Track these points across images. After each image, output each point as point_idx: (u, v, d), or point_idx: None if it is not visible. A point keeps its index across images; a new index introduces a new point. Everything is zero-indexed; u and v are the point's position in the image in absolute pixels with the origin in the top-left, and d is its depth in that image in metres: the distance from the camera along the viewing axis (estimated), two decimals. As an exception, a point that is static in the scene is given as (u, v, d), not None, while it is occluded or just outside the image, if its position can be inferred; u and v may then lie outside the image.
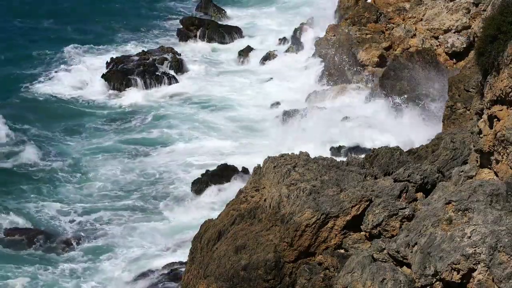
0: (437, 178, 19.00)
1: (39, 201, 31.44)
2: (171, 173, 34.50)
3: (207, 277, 19.66)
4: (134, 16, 63.60)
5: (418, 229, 14.85)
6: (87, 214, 30.55)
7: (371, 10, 47.84)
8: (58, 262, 27.13)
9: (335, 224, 18.18)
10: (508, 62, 14.91)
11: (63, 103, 44.03)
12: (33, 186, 32.78)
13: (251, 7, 67.47)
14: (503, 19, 15.36)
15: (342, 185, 19.34)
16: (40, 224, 29.73)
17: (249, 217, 20.49)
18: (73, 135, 39.33)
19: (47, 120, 41.07)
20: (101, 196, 32.12)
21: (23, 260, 27.16)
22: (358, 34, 45.84)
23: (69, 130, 39.95)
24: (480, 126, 16.29)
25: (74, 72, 48.77)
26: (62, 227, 29.46)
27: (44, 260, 27.27)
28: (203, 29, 56.50)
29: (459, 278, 13.52)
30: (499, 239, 13.24)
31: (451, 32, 39.68)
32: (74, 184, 33.20)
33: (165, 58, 48.83)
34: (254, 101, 43.94)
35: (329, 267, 17.95)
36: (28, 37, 56.04)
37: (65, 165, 35.02)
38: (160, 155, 36.42)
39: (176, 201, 31.85)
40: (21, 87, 46.10)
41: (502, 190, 14.22)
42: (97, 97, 44.99)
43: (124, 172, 34.58)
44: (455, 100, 34.21)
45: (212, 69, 50.37)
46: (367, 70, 41.95)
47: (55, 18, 61.67)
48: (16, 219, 29.77)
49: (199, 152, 36.62)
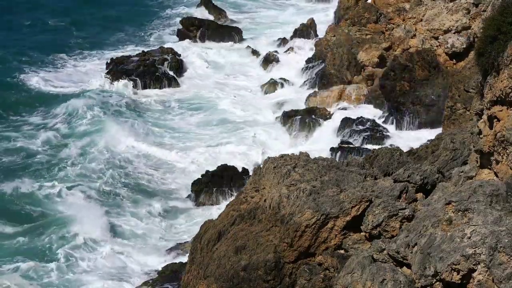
0: (437, 179, 18.99)
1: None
2: (171, 173, 34.50)
3: (207, 277, 19.66)
4: (134, 16, 63.70)
5: (418, 230, 14.84)
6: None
7: (371, 10, 47.89)
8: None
9: (335, 224, 18.18)
10: (508, 63, 14.91)
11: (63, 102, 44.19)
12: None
13: (251, 7, 67.50)
14: (503, 20, 15.36)
15: (342, 185, 19.33)
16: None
17: (249, 218, 20.49)
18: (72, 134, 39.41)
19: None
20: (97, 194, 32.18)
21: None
22: (358, 35, 45.87)
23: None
24: (480, 126, 16.28)
25: (74, 72, 48.80)
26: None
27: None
28: (203, 30, 56.51)
29: (459, 279, 13.51)
30: (499, 239, 13.24)
31: (451, 33, 39.68)
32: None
33: (165, 59, 48.82)
34: (254, 101, 43.94)
35: (329, 268, 17.95)
36: (28, 37, 56.07)
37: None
38: (160, 155, 36.40)
39: (176, 201, 31.86)
40: (22, 84, 46.36)
41: (502, 190, 14.22)
42: (96, 96, 44.99)
43: (124, 171, 34.59)
44: (455, 101, 34.24)
45: (212, 69, 50.39)
46: (367, 71, 41.97)
47: (55, 17, 61.73)
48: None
49: (199, 153, 36.60)
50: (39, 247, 27.78)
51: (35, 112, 42.21)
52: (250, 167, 32.65)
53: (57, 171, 34.17)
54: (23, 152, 36.28)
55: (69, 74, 48.92)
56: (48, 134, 38.36)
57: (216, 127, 40.57)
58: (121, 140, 37.92)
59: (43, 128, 39.58)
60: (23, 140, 37.67)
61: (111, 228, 29.31)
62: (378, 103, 39.54)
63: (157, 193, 32.59)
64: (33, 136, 38.23)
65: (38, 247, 27.78)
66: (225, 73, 49.84)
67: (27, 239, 28.27)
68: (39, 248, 27.70)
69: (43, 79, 47.42)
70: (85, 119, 40.50)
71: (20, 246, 27.86)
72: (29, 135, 38.42)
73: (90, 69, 49.89)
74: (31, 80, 47.06)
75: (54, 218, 29.92)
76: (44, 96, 44.84)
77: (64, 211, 30.30)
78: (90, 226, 28.91)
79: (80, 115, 40.93)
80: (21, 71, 48.55)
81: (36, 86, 46.38)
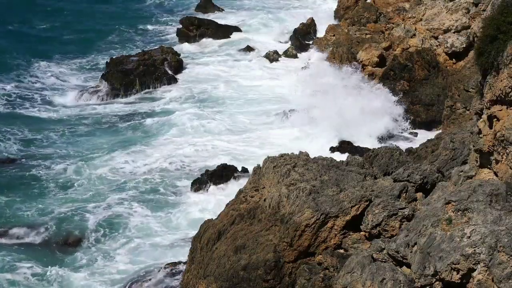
0: (436, 178, 19.01)
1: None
2: (171, 173, 34.48)
3: (206, 277, 19.67)
4: (134, 16, 63.62)
5: (417, 229, 14.85)
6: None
7: (371, 10, 47.95)
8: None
9: (334, 224, 18.20)
10: (508, 62, 14.92)
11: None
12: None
13: (252, 6, 67.51)
14: (503, 19, 15.38)
15: (342, 185, 19.35)
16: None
17: (248, 217, 20.51)
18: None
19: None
20: (99, 196, 32.17)
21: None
22: (357, 34, 45.90)
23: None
24: (480, 126, 16.29)
25: (73, 72, 48.77)
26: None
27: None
28: (202, 29, 56.48)
29: (459, 278, 13.52)
30: (498, 239, 13.25)
31: (450, 32, 39.70)
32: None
33: (165, 59, 48.77)
34: (254, 101, 43.92)
35: (328, 267, 17.96)
36: (28, 37, 56.09)
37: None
38: (159, 155, 36.37)
39: (176, 200, 31.85)
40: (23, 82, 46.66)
41: (501, 190, 14.23)
42: (97, 95, 45.02)
43: (123, 172, 34.59)
44: (454, 100, 34.28)
45: (212, 69, 50.33)
46: (367, 70, 41.99)
47: (54, 18, 61.72)
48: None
49: (198, 152, 36.59)
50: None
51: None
52: (250, 167, 32.64)
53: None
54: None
55: (69, 74, 48.91)
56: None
57: (216, 126, 40.50)
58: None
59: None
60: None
61: (111, 227, 29.35)
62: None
63: (156, 192, 32.58)
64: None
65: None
66: (225, 72, 49.78)
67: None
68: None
69: (40, 79, 47.50)
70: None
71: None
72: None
73: (90, 69, 49.85)
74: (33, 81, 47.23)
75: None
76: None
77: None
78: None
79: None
80: (18, 71, 48.73)
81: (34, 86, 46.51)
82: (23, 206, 30.77)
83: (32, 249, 27.89)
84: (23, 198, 31.50)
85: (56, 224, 29.33)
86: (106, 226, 29.37)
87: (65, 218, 29.78)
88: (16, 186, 32.64)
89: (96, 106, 43.97)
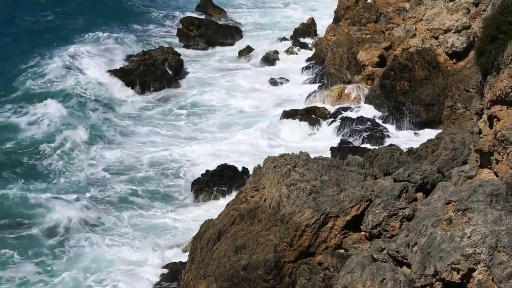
0: (437, 178, 19.01)
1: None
2: (171, 173, 34.48)
3: (207, 277, 19.67)
4: (134, 16, 63.56)
5: (418, 229, 14.85)
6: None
7: (371, 10, 47.93)
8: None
9: (335, 224, 18.20)
10: (508, 62, 14.92)
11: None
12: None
13: (251, 6, 67.49)
14: (503, 19, 15.38)
15: (342, 185, 19.35)
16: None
17: (249, 217, 20.51)
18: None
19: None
20: (98, 194, 32.18)
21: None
22: (358, 34, 45.89)
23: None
24: (480, 126, 16.29)
25: (73, 72, 48.76)
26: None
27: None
28: (203, 29, 56.44)
29: (459, 278, 13.52)
30: (499, 239, 13.25)
31: (451, 32, 39.66)
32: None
33: (165, 59, 48.75)
34: (254, 101, 43.91)
35: (329, 267, 17.96)
36: (28, 37, 56.07)
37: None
38: (159, 155, 36.38)
39: (176, 200, 31.87)
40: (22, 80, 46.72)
41: (502, 190, 14.22)
42: (97, 95, 44.98)
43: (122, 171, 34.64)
44: (455, 100, 34.25)
45: (212, 69, 50.34)
46: (367, 70, 41.98)
47: (54, 17, 61.71)
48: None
49: (198, 153, 36.58)
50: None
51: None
52: (250, 167, 32.62)
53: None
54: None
55: (68, 74, 48.85)
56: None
57: (216, 126, 40.54)
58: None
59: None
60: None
61: (109, 227, 29.35)
62: (378, 103, 39.51)
63: (156, 192, 32.59)
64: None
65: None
66: (225, 72, 49.77)
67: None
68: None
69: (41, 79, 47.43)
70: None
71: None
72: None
73: (90, 69, 49.80)
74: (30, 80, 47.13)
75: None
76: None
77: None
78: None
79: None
80: (17, 70, 48.62)
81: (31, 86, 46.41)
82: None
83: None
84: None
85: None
86: (100, 223, 29.42)
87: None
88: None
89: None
